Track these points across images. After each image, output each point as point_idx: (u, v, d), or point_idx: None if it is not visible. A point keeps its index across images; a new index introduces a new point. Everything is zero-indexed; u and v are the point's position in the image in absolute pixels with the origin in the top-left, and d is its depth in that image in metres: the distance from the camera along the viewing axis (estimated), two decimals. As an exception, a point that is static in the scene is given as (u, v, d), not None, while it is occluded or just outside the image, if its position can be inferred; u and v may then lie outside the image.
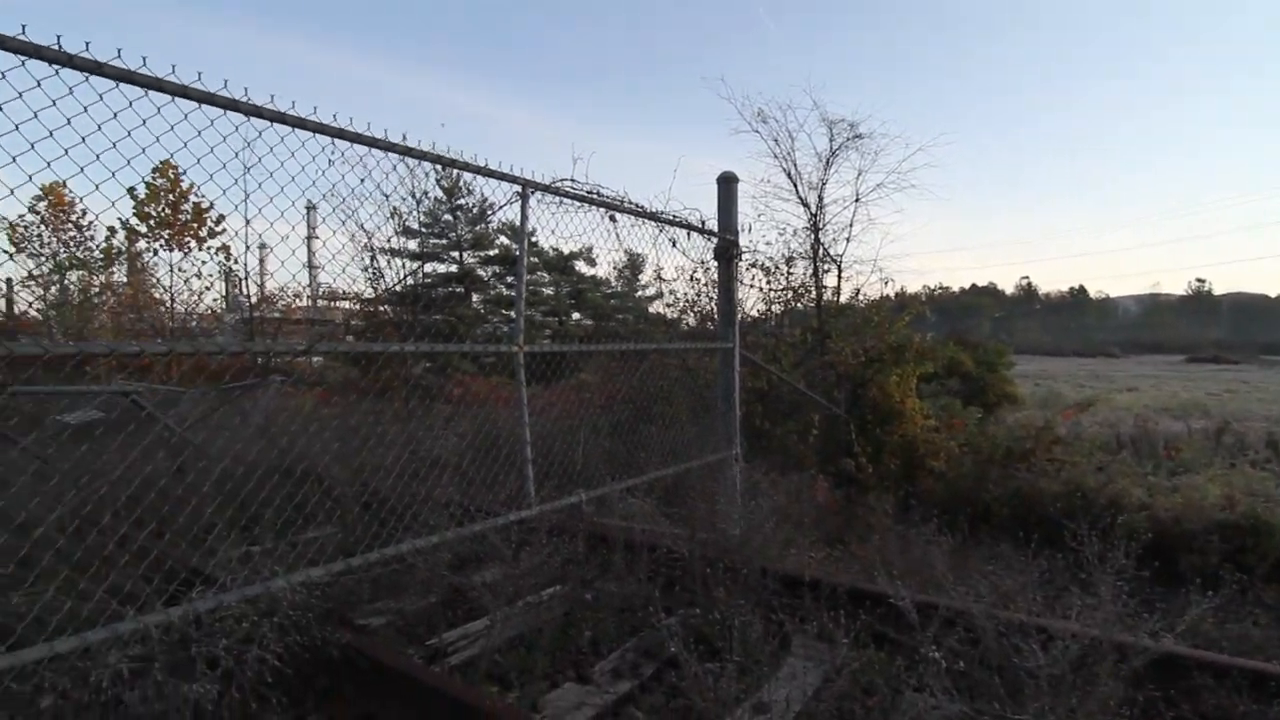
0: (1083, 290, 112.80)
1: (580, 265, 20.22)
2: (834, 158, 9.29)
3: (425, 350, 3.87)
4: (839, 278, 9.20)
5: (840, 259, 9.19)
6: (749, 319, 8.65)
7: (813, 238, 9.19)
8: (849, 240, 9.22)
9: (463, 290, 18.91)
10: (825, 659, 2.85)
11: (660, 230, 5.12)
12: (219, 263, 12.60)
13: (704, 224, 5.37)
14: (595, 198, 4.42)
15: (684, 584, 3.65)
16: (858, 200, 9.27)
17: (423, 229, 18.24)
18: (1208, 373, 31.51)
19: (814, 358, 8.46)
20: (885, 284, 9.38)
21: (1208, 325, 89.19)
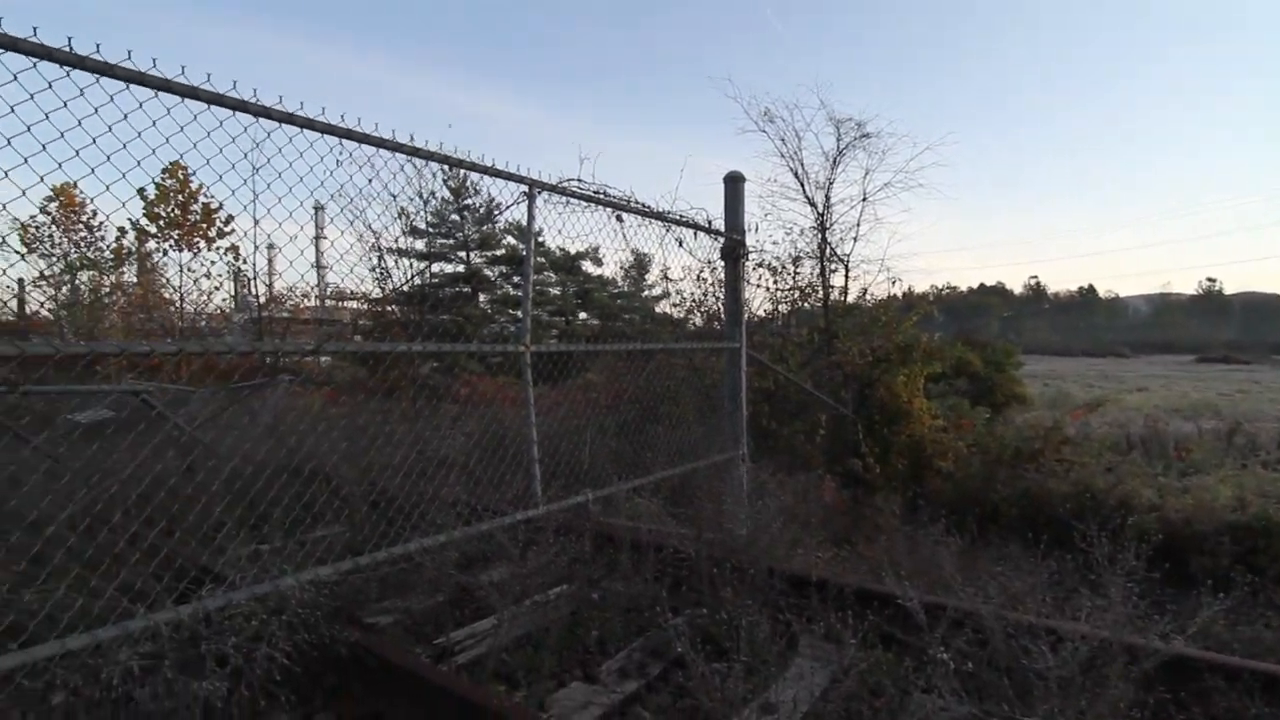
0: (1092, 290, 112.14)
1: (587, 265, 20.28)
2: (841, 157, 9.29)
3: (432, 350, 3.88)
4: (846, 277, 9.21)
5: (847, 258, 9.19)
6: (756, 319, 8.62)
7: (820, 237, 9.18)
8: (856, 240, 9.23)
9: (470, 290, 18.94)
10: (833, 659, 2.85)
11: (667, 230, 5.11)
12: (228, 263, 12.64)
13: (710, 224, 5.36)
14: (602, 198, 4.41)
15: (691, 584, 3.65)
16: (865, 199, 9.27)
17: (430, 229, 18.32)
18: (1218, 373, 31.23)
19: (821, 357, 8.43)
20: (893, 283, 9.38)
21: (1218, 325, 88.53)
